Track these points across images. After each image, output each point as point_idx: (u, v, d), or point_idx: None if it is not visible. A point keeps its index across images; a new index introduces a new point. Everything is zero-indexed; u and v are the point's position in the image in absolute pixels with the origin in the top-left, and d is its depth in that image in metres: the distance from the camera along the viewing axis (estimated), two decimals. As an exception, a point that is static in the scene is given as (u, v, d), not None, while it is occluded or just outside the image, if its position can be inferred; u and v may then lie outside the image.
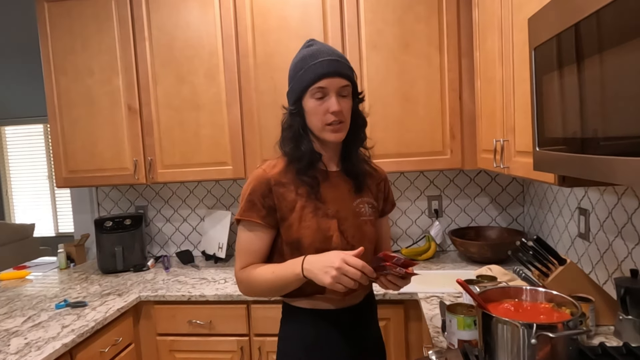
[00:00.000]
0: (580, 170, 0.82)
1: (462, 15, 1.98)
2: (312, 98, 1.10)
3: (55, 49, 2.27)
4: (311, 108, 1.11)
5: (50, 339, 1.53)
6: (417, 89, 2.03)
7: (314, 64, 1.09)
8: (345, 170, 1.20)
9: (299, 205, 1.14)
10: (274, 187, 1.14)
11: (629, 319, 1.21)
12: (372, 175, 1.27)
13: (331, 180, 1.19)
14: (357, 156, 1.21)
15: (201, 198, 2.59)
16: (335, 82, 1.09)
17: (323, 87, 1.09)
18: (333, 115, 1.10)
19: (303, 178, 1.14)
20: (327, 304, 1.19)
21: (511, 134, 1.43)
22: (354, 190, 1.20)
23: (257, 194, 1.14)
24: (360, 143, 1.21)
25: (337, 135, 1.12)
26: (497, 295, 1.15)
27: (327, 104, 1.09)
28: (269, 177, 1.14)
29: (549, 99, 0.96)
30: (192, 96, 2.18)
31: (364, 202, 1.22)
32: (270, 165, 1.18)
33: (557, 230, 1.90)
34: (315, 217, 1.13)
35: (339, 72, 1.10)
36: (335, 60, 1.10)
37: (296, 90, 1.13)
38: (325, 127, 1.11)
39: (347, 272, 0.97)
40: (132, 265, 2.36)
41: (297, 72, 1.13)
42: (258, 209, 1.13)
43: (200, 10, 2.14)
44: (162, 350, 1.98)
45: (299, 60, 1.14)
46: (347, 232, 1.17)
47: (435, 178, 2.40)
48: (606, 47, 0.71)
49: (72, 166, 2.31)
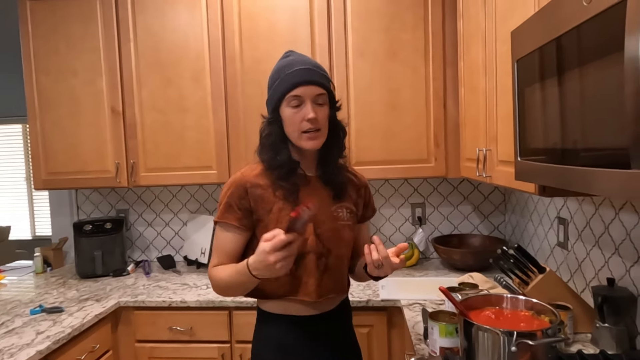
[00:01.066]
0: (560, 180, 0.84)
1: (447, 25, 2.01)
2: (288, 106, 1.13)
3: (37, 48, 2.22)
4: (288, 116, 1.13)
5: (25, 345, 1.48)
6: (403, 97, 2.05)
7: (289, 72, 1.12)
8: (323, 178, 1.22)
9: (277, 207, 1.15)
10: (250, 189, 1.16)
11: (606, 327, 1.24)
12: (352, 182, 1.29)
13: (311, 185, 1.21)
14: (336, 164, 1.23)
15: (184, 202, 2.56)
16: (310, 90, 1.12)
17: (298, 95, 1.11)
18: (309, 122, 1.11)
19: (282, 184, 1.16)
20: (301, 309, 1.19)
21: (494, 143, 1.46)
22: (332, 196, 1.22)
23: (234, 197, 1.16)
24: (338, 152, 1.23)
25: (313, 142, 1.14)
26: (478, 303, 1.16)
27: (303, 111, 1.11)
28: (246, 180, 1.17)
29: (530, 110, 0.98)
30: (178, 99, 2.16)
31: (343, 207, 1.23)
32: (249, 169, 1.21)
33: (537, 239, 1.93)
34: None
35: (313, 80, 1.12)
36: (309, 70, 1.13)
37: (273, 99, 1.16)
38: (302, 135, 1.13)
39: (282, 257, 0.97)
40: (111, 270, 2.31)
41: (274, 81, 1.16)
42: (234, 211, 1.16)
43: (188, 13, 2.13)
44: (142, 357, 1.94)
45: (275, 70, 1.17)
46: (323, 235, 1.18)
47: (419, 186, 2.42)
48: (586, 61, 0.73)
49: (52, 168, 2.26)
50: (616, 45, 0.63)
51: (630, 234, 1.26)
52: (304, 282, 1.18)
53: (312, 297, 1.17)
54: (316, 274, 1.18)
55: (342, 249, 1.22)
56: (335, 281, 1.22)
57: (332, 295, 1.22)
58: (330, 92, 1.17)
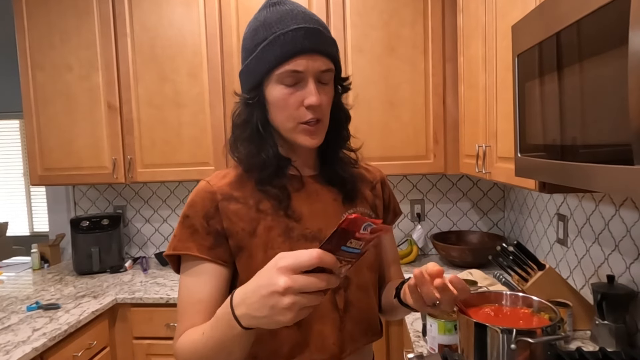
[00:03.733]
0: (561, 176, 0.83)
1: (447, 21, 2.00)
2: (279, 84, 0.77)
3: (33, 43, 2.20)
4: (278, 98, 0.77)
5: (20, 342, 1.47)
6: (402, 93, 2.04)
7: (284, 33, 0.75)
8: (326, 177, 0.88)
9: (263, 226, 0.80)
10: (221, 202, 0.80)
11: (605, 324, 1.23)
12: (363, 177, 0.95)
13: (308, 188, 0.86)
14: (340, 158, 0.90)
15: (182, 198, 2.54)
16: (315, 63, 0.76)
17: (298, 70, 0.75)
18: (310, 110, 0.77)
19: (267, 189, 0.81)
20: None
21: (493, 139, 1.45)
22: (342, 199, 0.87)
23: (198, 216, 0.79)
24: (342, 142, 0.90)
25: (313, 140, 0.80)
26: (477, 300, 1.15)
27: (303, 93, 0.76)
28: (214, 190, 0.81)
29: (531, 105, 0.96)
30: (174, 95, 2.14)
31: (358, 213, 0.88)
32: (218, 176, 0.86)
33: (536, 235, 1.93)
34: (287, 242, 0.80)
35: (322, 48, 0.77)
36: (315, 31, 0.76)
37: (255, 71, 0.78)
38: (299, 127, 0.79)
39: (304, 286, 0.55)
40: (108, 267, 2.30)
41: (257, 43, 0.78)
42: (201, 238, 0.78)
43: (185, 8, 2.11)
44: (139, 354, 1.94)
45: (259, 24, 0.79)
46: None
47: (418, 182, 2.41)
48: (586, 56, 0.72)
49: (48, 164, 2.24)
50: (620, 39, 0.62)
51: (631, 230, 1.25)
52: (316, 331, 0.80)
53: (331, 353, 0.80)
54: (334, 317, 0.81)
55: (364, 274, 0.86)
56: (363, 323, 0.85)
57: (360, 345, 0.85)
58: (339, 67, 0.83)
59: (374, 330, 0.88)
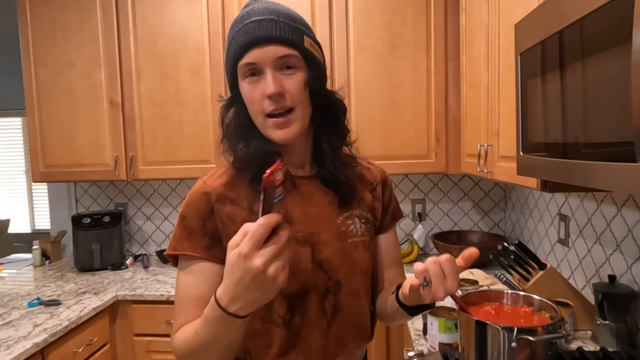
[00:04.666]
0: (563, 175, 0.83)
1: (450, 20, 1.99)
2: (243, 80, 0.78)
3: (35, 40, 2.21)
4: (245, 94, 0.78)
5: (21, 338, 1.47)
6: (403, 92, 2.04)
7: (239, 29, 0.76)
8: (323, 179, 0.86)
9: None
10: (215, 204, 0.81)
11: (606, 324, 1.23)
12: (362, 178, 0.92)
13: (301, 190, 0.85)
14: (336, 157, 0.86)
15: (183, 196, 2.55)
16: (268, 51, 0.74)
17: (253, 62, 0.75)
18: (272, 101, 0.75)
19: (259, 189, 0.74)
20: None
21: (495, 138, 1.45)
22: (337, 202, 0.86)
23: (194, 217, 0.81)
24: (339, 139, 0.87)
25: (283, 132, 0.77)
26: (478, 299, 1.15)
27: (262, 85, 0.75)
28: (209, 192, 0.82)
29: (533, 104, 0.96)
30: (176, 92, 2.14)
31: (353, 216, 0.87)
32: (214, 175, 0.86)
33: (537, 235, 1.92)
34: None
35: (274, 36, 0.74)
36: (268, 20, 0.75)
37: (227, 71, 0.81)
38: (268, 121, 0.77)
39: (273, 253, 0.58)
40: (109, 264, 2.30)
41: (227, 45, 0.81)
42: (198, 238, 0.80)
43: (187, 6, 2.11)
44: (139, 350, 1.94)
45: (230, 28, 0.80)
46: (329, 263, 0.82)
47: (420, 182, 2.41)
48: (589, 54, 0.72)
49: (50, 161, 2.25)
50: (623, 36, 0.62)
51: (633, 230, 1.25)
52: (303, 336, 0.81)
53: (315, 358, 0.82)
54: (322, 322, 0.82)
55: (356, 279, 0.86)
56: (352, 328, 0.86)
57: (348, 349, 0.86)
58: (304, 50, 0.78)
59: (364, 334, 0.89)
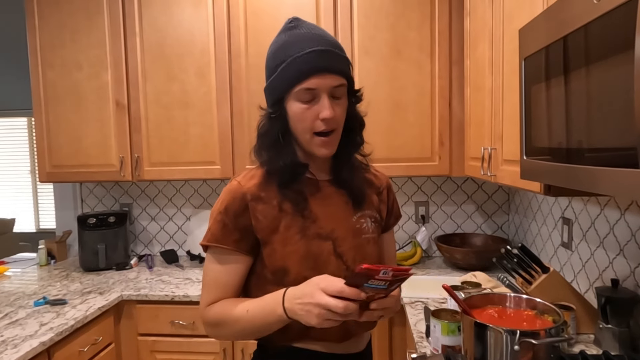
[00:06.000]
0: (566, 179, 0.84)
1: (454, 24, 2.00)
2: (297, 101, 0.89)
3: (43, 41, 2.23)
4: (296, 113, 0.90)
5: (28, 337, 1.49)
6: (408, 95, 2.05)
7: (299, 56, 0.86)
8: (339, 182, 0.99)
9: (283, 224, 0.92)
10: (250, 203, 0.92)
11: (609, 328, 1.23)
12: (371, 183, 1.07)
13: (323, 192, 0.98)
14: (352, 164, 1.00)
15: (188, 197, 2.56)
16: (327, 80, 0.87)
17: (312, 87, 0.87)
18: (324, 123, 0.89)
19: (287, 192, 0.94)
20: (320, 347, 0.95)
21: (499, 142, 1.45)
22: (352, 203, 0.99)
23: (229, 214, 0.92)
24: (355, 148, 1.01)
25: (327, 150, 0.92)
26: (481, 302, 1.16)
27: (317, 107, 0.88)
28: (245, 192, 0.93)
29: (537, 108, 0.97)
30: (182, 94, 2.16)
31: (365, 216, 1.00)
32: (247, 177, 0.97)
33: (540, 239, 1.93)
34: (303, 239, 0.92)
35: (333, 67, 0.87)
36: (327, 52, 0.87)
37: (277, 88, 0.91)
38: (315, 139, 0.91)
39: (330, 305, 0.75)
40: (114, 264, 2.32)
41: (277, 64, 0.90)
42: (229, 232, 0.92)
43: (193, 8, 2.13)
44: (143, 350, 1.95)
45: (279, 47, 0.90)
46: (346, 255, 0.95)
47: (423, 184, 2.42)
48: (595, 59, 0.73)
49: (56, 161, 2.27)
50: (626, 43, 0.63)
51: (636, 235, 1.25)
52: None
53: (335, 339, 0.94)
54: None
55: None
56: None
57: (359, 334, 0.99)
58: (351, 80, 0.93)
59: (372, 322, 1.00)
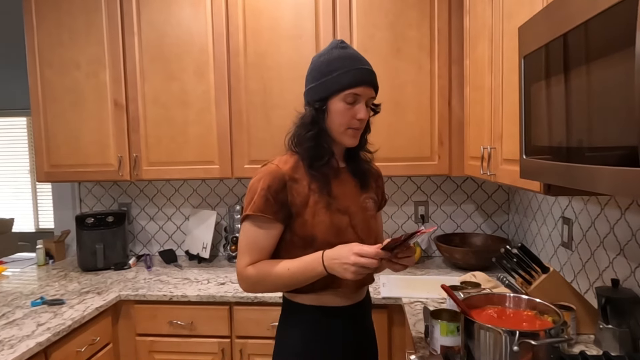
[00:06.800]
0: (566, 178, 0.83)
1: (454, 22, 1.99)
2: (342, 101, 1.14)
3: (41, 41, 2.22)
4: (339, 110, 1.14)
5: (25, 337, 1.48)
6: (407, 95, 2.04)
7: (356, 69, 1.13)
8: (351, 170, 1.26)
9: (312, 200, 1.16)
10: (288, 182, 1.15)
11: (609, 328, 1.22)
12: (371, 172, 1.33)
13: (340, 177, 1.23)
14: (361, 157, 1.29)
15: (186, 197, 2.55)
16: (368, 91, 1.15)
17: (358, 94, 1.13)
18: (358, 122, 1.16)
19: (314, 174, 1.17)
20: (334, 300, 1.20)
21: (498, 141, 1.44)
22: (360, 186, 1.26)
23: (271, 190, 1.13)
24: (364, 145, 1.29)
25: (354, 140, 1.19)
26: (480, 302, 1.15)
27: (356, 109, 1.14)
28: (284, 173, 1.15)
29: (537, 107, 0.96)
30: (181, 93, 2.15)
31: (369, 197, 1.27)
32: (282, 161, 1.19)
33: (540, 238, 1.92)
34: (328, 212, 1.16)
35: (373, 84, 1.17)
36: (371, 72, 1.17)
37: (328, 88, 1.14)
38: (347, 131, 1.16)
39: (363, 264, 1.02)
40: (113, 264, 2.31)
41: (332, 70, 1.14)
42: (271, 205, 1.13)
43: (192, 8, 2.12)
44: (141, 350, 1.94)
45: (335, 59, 1.15)
46: (358, 227, 1.20)
47: (423, 184, 2.41)
48: (595, 57, 0.72)
49: (55, 160, 2.26)
50: (627, 41, 0.62)
51: (636, 234, 1.24)
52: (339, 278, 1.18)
53: (352, 289, 1.21)
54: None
55: (371, 240, 1.23)
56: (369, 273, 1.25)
57: (365, 286, 1.27)
58: (376, 94, 1.22)
59: (372, 276, 1.28)
